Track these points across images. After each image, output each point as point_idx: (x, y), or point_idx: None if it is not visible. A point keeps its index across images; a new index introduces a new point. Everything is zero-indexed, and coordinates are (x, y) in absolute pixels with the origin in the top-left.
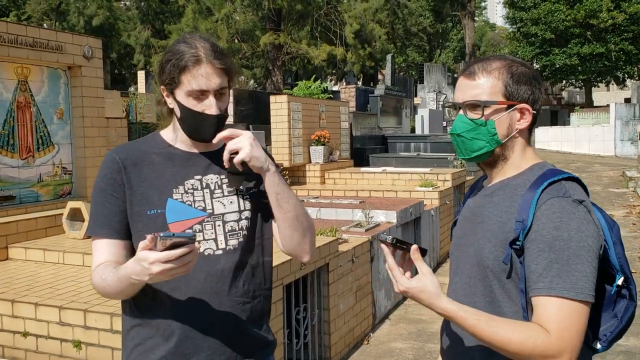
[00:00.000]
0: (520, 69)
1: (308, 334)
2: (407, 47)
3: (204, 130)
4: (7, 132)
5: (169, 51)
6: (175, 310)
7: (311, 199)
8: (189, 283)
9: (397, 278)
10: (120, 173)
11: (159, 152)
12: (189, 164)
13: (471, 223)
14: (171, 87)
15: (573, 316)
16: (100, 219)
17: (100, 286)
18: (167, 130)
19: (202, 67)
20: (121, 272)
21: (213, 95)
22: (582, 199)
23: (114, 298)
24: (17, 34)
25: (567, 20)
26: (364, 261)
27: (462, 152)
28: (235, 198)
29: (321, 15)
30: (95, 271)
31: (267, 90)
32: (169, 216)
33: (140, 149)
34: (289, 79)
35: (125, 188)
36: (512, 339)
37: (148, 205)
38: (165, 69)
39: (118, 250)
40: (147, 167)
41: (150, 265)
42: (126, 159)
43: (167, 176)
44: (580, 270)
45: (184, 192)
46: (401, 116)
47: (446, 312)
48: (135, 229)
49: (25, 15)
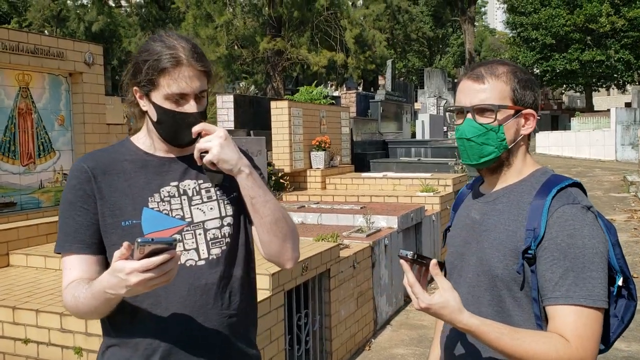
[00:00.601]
0: (524, 75)
1: (309, 340)
2: (407, 52)
3: (183, 132)
4: (9, 138)
5: (145, 50)
6: (157, 328)
7: (312, 205)
8: (170, 297)
9: (419, 295)
10: (90, 183)
11: (131, 159)
12: (164, 170)
13: (473, 231)
14: (147, 89)
15: (591, 324)
16: (71, 233)
17: (72, 305)
18: (138, 136)
19: (182, 70)
20: (95, 287)
21: (193, 99)
22: (589, 205)
23: (88, 318)
24: (18, 41)
25: (567, 25)
26: (365, 267)
27: (470, 158)
28: (216, 204)
29: (321, 21)
30: (66, 290)
31: (268, 96)
32: (145, 227)
33: (110, 156)
34: (289, 84)
35: (97, 199)
36: (536, 351)
37: (122, 216)
38: (140, 69)
39: (91, 267)
40: (118, 175)
41: (127, 276)
42: (95, 167)
43: (141, 184)
44: (595, 277)
45: (159, 200)
46: (402, 121)
47: (468, 326)
48: (109, 242)
49: (27, 22)
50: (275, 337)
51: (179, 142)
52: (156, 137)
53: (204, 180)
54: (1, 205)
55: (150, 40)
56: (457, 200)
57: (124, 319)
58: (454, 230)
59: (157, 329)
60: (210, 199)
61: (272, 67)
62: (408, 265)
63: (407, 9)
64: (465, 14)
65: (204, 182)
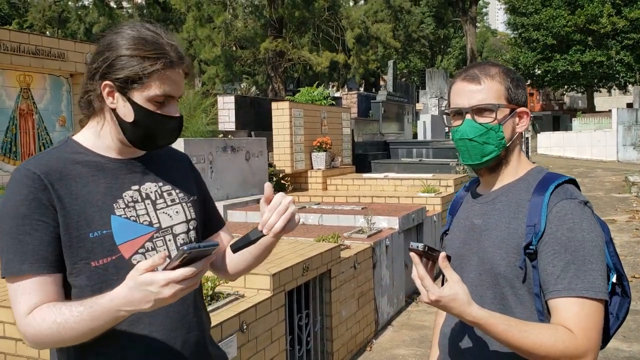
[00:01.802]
0: (515, 75)
1: (310, 340)
2: (408, 52)
3: (164, 135)
4: (10, 139)
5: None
6: (140, 348)
7: (313, 205)
8: (154, 312)
9: (429, 287)
10: (46, 191)
11: (82, 161)
12: (122, 173)
13: (472, 232)
14: (127, 88)
15: (594, 315)
16: (28, 252)
17: (50, 333)
18: (83, 135)
19: (175, 72)
20: (100, 307)
21: (176, 101)
22: (586, 201)
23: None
24: (19, 42)
25: (568, 25)
26: (366, 267)
27: (472, 157)
28: (180, 207)
29: (322, 21)
30: (31, 318)
31: (269, 97)
32: (117, 236)
33: (59, 159)
34: (290, 85)
35: (57, 209)
36: (543, 342)
37: (88, 227)
38: (121, 65)
39: (53, 288)
40: (75, 181)
41: (161, 288)
42: (49, 173)
43: (102, 189)
44: (596, 270)
45: (124, 206)
46: (403, 122)
47: (477, 319)
48: (75, 257)
49: (28, 24)
50: (276, 337)
51: (154, 145)
52: (117, 139)
53: (162, 182)
54: None
55: (129, 29)
56: (454, 204)
57: (97, 345)
58: (452, 233)
59: (141, 349)
60: (173, 202)
61: (273, 68)
62: (418, 258)
63: (409, 10)
64: (466, 14)
65: (164, 184)
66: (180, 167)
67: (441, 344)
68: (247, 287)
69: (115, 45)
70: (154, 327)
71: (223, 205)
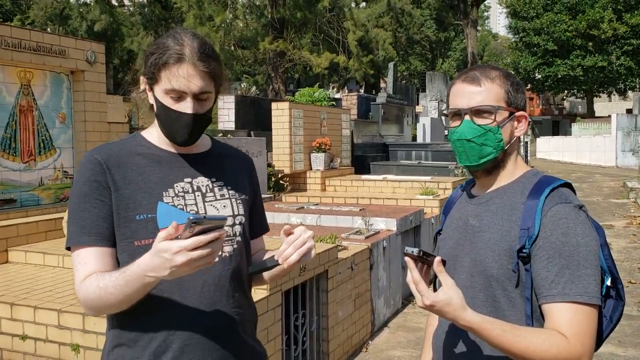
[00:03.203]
0: (515, 79)
1: (306, 340)
2: (409, 55)
3: (178, 131)
4: (9, 135)
5: (155, 43)
6: (171, 324)
7: (311, 206)
8: (184, 293)
9: (423, 292)
10: (104, 175)
11: (143, 153)
12: (177, 166)
13: (466, 233)
14: (151, 82)
15: (587, 320)
16: (87, 226)
17: (96, 297)
18: (149, 130)
19: (183, 67)
20: (131, 273)
21: (191, 98)
22: (581, 205)
23: (112, 310)
24: (20, 38)
25: (569, 30)
26: (363, 268)
27: (469, 159)
28: (229, 202)
29: (323, 22)
30: (84, 284)
31: (269, 97)
32: (160, 221)
33: (121, 149)
34: (290, 85)
35: (111, 191)
36: (537, 347)
37: (136, 209)
38: (148, 61)
39: (107, 259)
40: (132, 169)
41: (173, 255)
42: (108, 159)
43: (155, 179)
44: (590, 275)
45: (174, 195)
46: (403, 124)
47: (471, 324)
48: (122, 235)
49: (29, 20)
50: (273, 337)
51: (173, 140)
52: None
53: (216, 178)
54: (1, 202)
55: (166, 35)
56: (448, 204)
57: (136, 316)
58: (446, 233)
59: (172, 326)
60: (223, 197)
61: (274, 68)
62: (413, 262)
63: (410, 12)
64: (467, 17)
65: (216, 180)
66: (239, 167)
67: (435, 346)
68: None
69: (149, 47)
70: (184, 307)
71: None
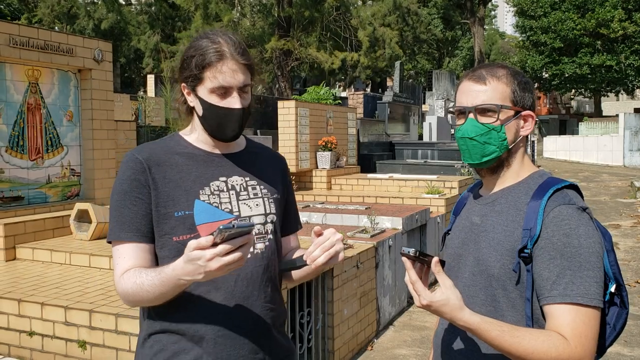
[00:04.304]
0: (523, 77)
1: (312, 338)
2: (416, 54)
3: (228, 127)
4: (17, 133)
5: (192, 47)
6: (205, 316)
7: (317, 205)
8: (219, 287)
9: (420, 292)
10: (145, 174)
11: (181, 153)
12: (213, 165)
13: (471, 233)
14: (193, 84)
15: (589, 322)
16: (126, 222)
17: (132, 293)
18: (186, 131)
19: (226, 63)
20: (166, 275)
21: (237, 93)
22: (585, 207)
23: (149, 304)
24: (28, 37)
25: (576, 29)
26: (368, 267)
27: (472, 157)
28: (261, 201)
29: (330, 21)
30: (122, 278)
31: (275, 96)
32: (197, 218)
33: (161, 149)
34: (297, 84)
35: (151, 189)
36: (536, 348)
37: (175, 206)
38: (187, 65)
39: (145, 255)
40: (171, 167)
41: (207, 262)
42: (149, 159)
43: (192, 177)
44: (591, 277)
45: (210, 193)
46: (409, 123)
47: (469, 324)
48: (161, 231)
49: (37, 19)
50: None
51: (223, 136)
52: (202, 132)
53: (249, 177)
54: (9, 199)
55: (198, 37)
56: (458, 205)
57: (172, 307)
58: (453, 232)
59: (205, 317)
60: (256, 195)
61: (280, 66)
62: (410, 262)
63: (416, 11)
64: (474, 16)
65: (250, 179)
66: (272, 166)
67: (434, 343)
68: None
69: (185, 51)
70: (217, 301)
71: None
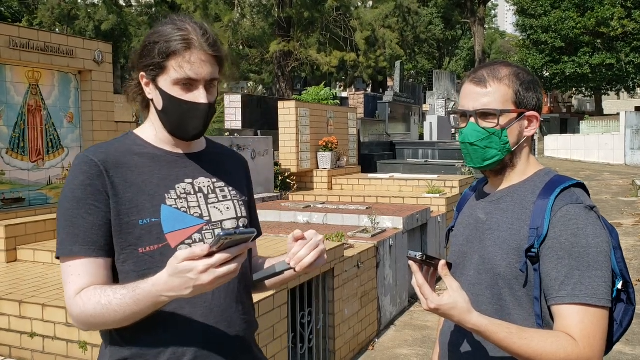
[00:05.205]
0: (527, 76)
1: (313, 338)
2: (416, 54)
3: (191, 123)
4: (18, 135)
5: (155, 32)
6: (182, 336)
7: (318, 205)
8: (194, 301)
9: (428, 295)
10: (102, 178)
11: (140, 153)
12: (177, 166)
13: (476, 230)
14: (154, 74)
15: (597, 323)
16: (80, 234)
17: (95, 314)
18: (143, 129)
19: (194, 53)
20: (142, 292)
21: (203, 87)
22: (592, 205)
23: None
24: (28, 39)
25: (577, 28)
26: (369, 267)
27: (474, 161)
28: (231, 203)
29: (330, 22)
30: (80, 298)
31: (275, 96)
32: (165, 225)
33: (117, 149)
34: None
35: (109, 196)
36: (545, 350)
37: (139, 214)
38: (149, 51)
39: (101, 271)
40: (131, 170)
41: (199, 275)
42: (106, 161)
43: (156, 180)
44: (600, 277)
45: (176, 197)
46: (409, 123)
47: (477, 327)
48: (124, 243)
49: (37, 21)
50: (279, 334)
51: (184, 134)
52: (161, 129)
53: (216, 179)
54: (10, 201)
55: (162, 22)
56: (461, 201)
57: (142, 329)
58: (457, 229)
59: (182, 338)
60: (225, 198)
61: (280, 67)
62: (417, 266)
63: (417, 11)
64: (474, 15)
65: (217, 181)
66: (236, 167)
67: (441, 342)
68: None
69: (147, 37)
70: (194, 317)
71: None
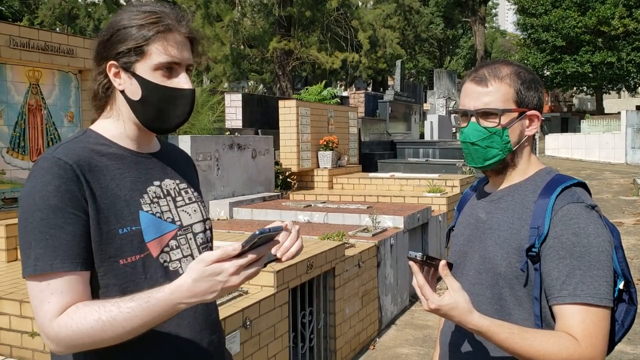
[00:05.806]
0: (528, 75)
1: (313, 337)
2: (417, 53)
3: (175, 112)
4: (18, 134)
5: (123, 18)
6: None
7: (318, 204)
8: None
9: (428, 296)
10: (79, 182)
11: (107, 154)
12: (144, 168)
13: (477, 229)
14: (129, 62)
15: (599, 323)
16: (61, 247)
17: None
18: (103, 126)
19: (174, 36)
20: (159, 300)
21: (185, 71)
22: (594, 205)
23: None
24: (29, 38)
25: (578, 26)
26: (370, 266)
27: (475, 161)
28: (197, 206)
29: (331, 21)
30: (66, 318)
31: (276, 95)
32: (145, 233)
33: (83, 150)
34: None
35: (88, 202)
36: (547, 350)
37: (117, 222)
38: (122, 37)
39: (83, 287)
40: (103, 174)
41: (230, 276)
42: (79, 163)
43: (128, 184)
44: (601, 276)
45: (150, 202)
46: (410, 122)
47: (478, 327)
48: (104, 254)
49: (38, 20)
50: (280, 334)
51: (165, 125)
52: (130, 124)
53: (179, 180)
54: (10, 200)
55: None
56: (462, 200)
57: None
58: (458, 229)
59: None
60: (190, 200)
61: (281, 66)
62: (417, 266)
63: (418, 10)
64: (475, 14)
65: (180, 182)
66: (189, 166)
67: (441, 342)
68: (250, 283)
69: (114, 23)
70: (182, 328)
71: (229, 202)
